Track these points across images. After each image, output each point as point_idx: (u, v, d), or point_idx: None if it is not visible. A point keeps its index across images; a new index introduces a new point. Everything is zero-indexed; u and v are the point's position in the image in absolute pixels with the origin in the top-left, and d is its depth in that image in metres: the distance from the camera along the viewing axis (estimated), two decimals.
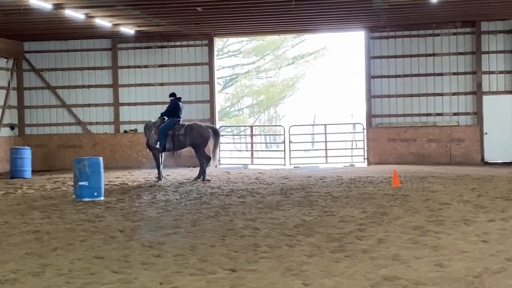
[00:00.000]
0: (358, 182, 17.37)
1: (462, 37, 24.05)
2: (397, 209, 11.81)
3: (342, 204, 12.85)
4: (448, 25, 24.02)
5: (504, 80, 23.77)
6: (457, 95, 24.08)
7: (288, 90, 47.05)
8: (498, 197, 13.17)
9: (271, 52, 45.58)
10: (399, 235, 9.18)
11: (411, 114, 24.42)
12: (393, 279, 6.58)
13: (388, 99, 24.62)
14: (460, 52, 24.05)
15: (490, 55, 23.81)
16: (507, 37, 23.71)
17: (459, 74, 24.06)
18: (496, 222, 10.02)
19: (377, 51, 24.65)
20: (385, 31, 24.51)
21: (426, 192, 14.53)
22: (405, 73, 24.44)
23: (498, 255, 7.57)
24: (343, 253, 8.05)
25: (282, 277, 6.89)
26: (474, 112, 23.91)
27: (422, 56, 24.30)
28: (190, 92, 25.77)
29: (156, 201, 14.16)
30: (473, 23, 23.80)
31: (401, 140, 24.27)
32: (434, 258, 7.55)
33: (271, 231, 9.81)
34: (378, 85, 24.68)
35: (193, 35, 25.65)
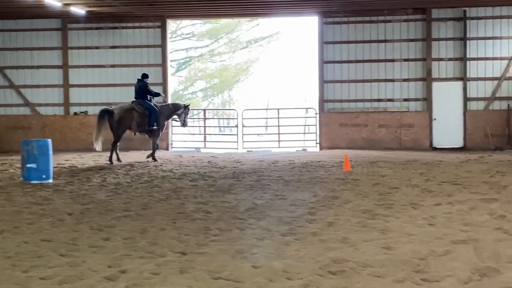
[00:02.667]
0: (310, 166, 17.49)
1: (413, 24, 24.36)
2: (347, 193, 11.93)
3: (294, 188, 12.92)
4: (400, 12, 24.29)
5: (453, 67, 24.17)
6: (407, 81, 24.40)
7: (242, 74, 47.01)
8: (445, 181, 13.40)
9: (225, 35, 45.40)
10: (349, 218, 9.27)
11: (363, 99, 24.66)
12: (342, 261, 6.66)
13: (340, 84, 24.80)
14: (411, 39, 24.35)
15: (440, 42, 24.17)
16: (456, 24, 24.09)
17: (410, 60, 24.39)
18: (442, 206, 10.20)
19: (330, 37, 24.78)
20: (338, 17, 24.64)
21: (376, 176, 14.72)
22: (358, 59, 24.64)
23: (444, 238, 7.71)
24: (293, 236, 8.09)
25: (232, 260, 6.90)
26: (423, 98, 24.28)
27: (374, 42, 24.53)
28: None
29: (106, 184, 14.01)
30: (424, 10, 24.11)
31: (352, 125, 24.51)
32: (382, 241, 7.66)
33: (222, 215, 9.82)
34: (330, 70, 24.83)
35: (146, 16, 25.37)
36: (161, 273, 6.42)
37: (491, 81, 23.93)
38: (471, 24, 24.00)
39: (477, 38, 23.97)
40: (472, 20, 24.00)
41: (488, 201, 10.56)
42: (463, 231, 8.11)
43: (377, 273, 6.22)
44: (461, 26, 23.99)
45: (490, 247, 7.13)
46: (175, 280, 6.15)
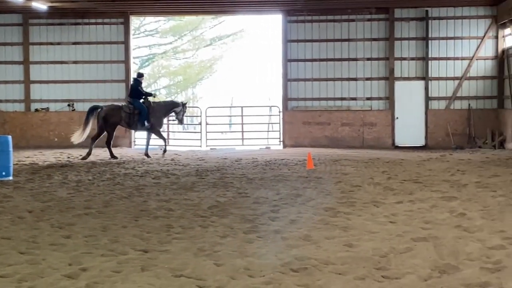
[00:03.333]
0: (273, 164, 17.52)
1: (376, 23, 24.57)
2: (310, 191, 11.98)
3: (257, 185, 12.93)
4: (363, 11, 24.48)
5: (415, 67, 24.45)
6: (370, 80, 24.61)
7: (206, 72, 46.87)
8: (407, 179, 13.55)
9: (188, 32, 45.19)
10: (311, 216, 9.31)
11: (326, 98, 24.80)
12: (304, 259, 6.68)
13: (304, 83, 24.90)
14: (374, 38, 24.56)
15: (402, 42, 24.43)
16: (419, 24, 24.37)
17: (373, 59, 24.60)
18: (404, 204, 10.31)
19: (293, 35, 24.86)
20: (302, 15, 24.74)
21: (339, 174, 14.81)
22: (321, 57, 24.76)
23: (405, 235, 7.79)
24: (256, 233, 8.10)
25: (194, 258, 6.87)
26: (386, 97, 24.51)
27: (337, 41, 24.68)
28: (105, 71, 25.36)
29: (67, 181, 13.84)
30: (387, 10, 24.34)
31: (316, 124, 24.64)
32: (343, 238, 7.70)
33: (185, 212, 9.77)
34: (294, 68, 24.92)
35: (109, 13, 25.15)
36: (122, 271, 6.36)
37: (452, 81, 24.28)
38: (433, 24, 24.30)
39: (438, 38, 24.29)
40: (434, 20, 24.31)
41: (448, 199, 10.70)
42: (423, 229, 8.20)
43: (338, 270, 6.25)
44: (423, 26, 24.28)
45: (449, 245, 7.22)
46: (136, 278, 6.10)
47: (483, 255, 6.72)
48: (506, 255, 6.67)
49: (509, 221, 8.57)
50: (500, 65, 24.06)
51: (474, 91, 24.29)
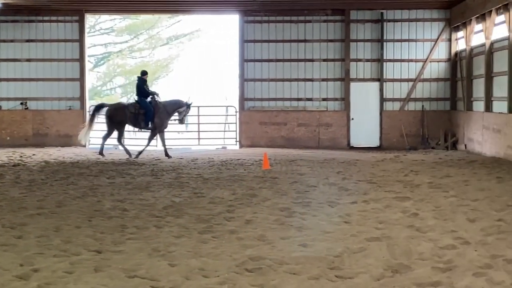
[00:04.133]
0: (229, 164, 17.51)
1: (332, 24, 24.74)
2: (266, 191, 12.01)
3: (213, 185, 12.91)
4: (319, 13, 24.63)
5: (370, 68, 24.70)
6: (326, 81, 24.76)
7: (162, 71, 46.59)
8: (361, 180, 13.69)
9: (145, 31, 44.88)
10: (267, 216, 9.34)
11: (283, 98, 24.88)
12: (258, 259, 6.69)
13: (260, 83, 24.94)
14: (330, 39, 24.73)
15: (358, 43, 24.65)
16: (374, 26, 24.62)
17: (329, 60, 24.76)
18: (358, 204, 10.42)
19: (250, 35, 24.89)
20: (258, 16, 24.78)
21: (295, 174, 14.88)
22: (278, 58, 24.84)
23: (359, 235, 7.87)
24: (211, 234, 8.09)
25: (148, 258, 6.83)
26: (342, 98, 24.70)
27: (294, 41, 24.79)
28: (59, 70, 25.01)
29: (19, 181, 13.61)
30: (343, 12, 24.53)
31: (272, 124, 24.70)
32: (298, 238, 7.75)
33: (139, 212, 9.70)
34: (251, 68, 24.94)
35: (63, 10, 24.81)
36: (75, 271, 6.29)
37: (406, 83, 24.58)
38: (388, 26, 24.58)
39: (393, 40, 24.57)
40: (389, 23, 24.58)
41: (402, 199, 10.85)
42: (377, 229, 8.30)
43: (293, 270, 6.28)
44: (378, 28, 24.54)
45: (402, 244, 7.32)
46: (89, 279, 6.04)
47: (434, 254, 6.83)
48: (457, 254, 6.80)
49: (461, 221, 8.73)
50: (453, 67, 24.46)
51: (428, 92, 24.65)
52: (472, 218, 8.93)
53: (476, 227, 8.31)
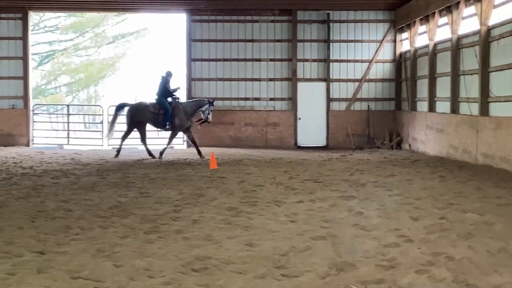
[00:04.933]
0: (176, 164, 17.44)
1: (280, 24, 24.85)
2: (213, 191, 11.99)
3: (159, 185, 12.82)
4: (267, 13, 24.71)
5: (317, 68, 24.90)
6: (273, 81, 24.87)
7: (108, 70, 46.05)
8: (308, 179, 13.78)
9: (90, 29, 44.27)
10: (213, 215, 9.32)
11: (230, 98, 24.88)
12: (204, 258, 6.68)
13: (208, 83, 24.89)
14: (277, 39, 24.84)
15: (305, 44, 24.82)
16: (320, 26, 24.83)
17: (276, 60, 24.87)
18: (304, 203, 10.48)
19: (197, 35, 24.81)
20: (206, 15, 24.72)
21: (242, 174, 14.89)
22: (225, 57, 24.83)
23: (304, 234, 7.92)
24: (157, 234, 8.03)
25: (93, 259, 6.74)
26: (289, 98, 24.84)
27: (241, 41, 24.81)
28: (2, 68, 24.51)
29: None
30: (289, 12, 24.66)
31: (220, 123, 24.65)
32: (245, 237, 7.75)
33: (84, 213, 9.57)
34: (198, 68, 24.87)
35: (6, 7, 24.28)
36: (17, 273, 6.16)
37: (352, 83, 24.86)
38: (334, 27, 24.81)
39: (340, 41, 24.81)
40: (335, 23, 24.82)
41: (347, 198, 10.97)
42: (323, 228, 8.37)
43: (239, 270, 6.28)
44: (325, 28, 24.75)
45: (347, 243, 7.40)
46: (32, 281, 5.93)
47: (378, 252, 6.93)
48: (400, 252, 6.90)
49: (404, 220, 8.87)
50: (397, 68, 24.86)
51: (373, 93, 24.98)
52: (416, 216, 9.08)
53: (419, 225, 8.45)
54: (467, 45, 18.05)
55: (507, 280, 5.73)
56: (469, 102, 17.85)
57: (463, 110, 18.50)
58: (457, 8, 18.44)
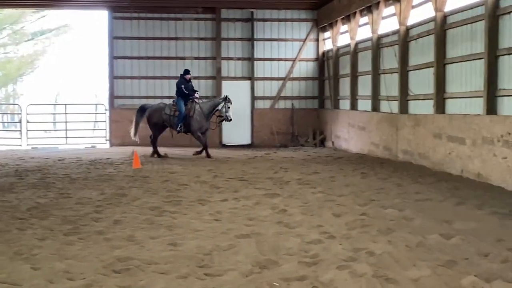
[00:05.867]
0: (98, 163, 17.13)
1: (204, 23, 24.78)
2: (136, 190, 11.84)
3: (80, 186, 12.56)
4: (190, 11, 24.58)
5: (242, 67, 24.95)
6: (198, 79, 24.73)
7: (27, 67, 44.86)
8: (232, 177, 13.79)
9: (8, 26, 43.00)
10: (136, 215, 9.19)
11: (154, 96, 24.59)
12: (126, 259, 6.56)
13: (131, 81, 24.57)
14: (201, 38, 24.76)
15: (229, 42, 24.82)
16: (244, 25, 24.89)
17: (200, 59, 24.79)
18: (229, 202, 10.47)
19: (120, 32, 24.45)
20: (128, 12, 24.39)
21: (166, 173, 14.77)
22: (148, 55, 24.57)
23: (229, 232, 7.90)
24: (78, 235, 7.85)
25: (10, 262, 6.53)
26: (213, 96, 24.74)
27: (165, 39, 24.60)
28: None
29: None
30: (213, 10, 24.62)
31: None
32: (168, 237, 7.67)
33: (1, 215, 9.26)
34: (121, 66, 24.51)
35: None
36: None
37: (276, 81, 25.03)
38: (258, 25, 24.92)
39: (263, 40, 24.95)
40: (259, 22, 24.94)
41: (271, 196, 11.02)
42: (247, 226, 8.37)
43: (162, 270, 6.20)
44: (249, 27, 24.83)
45: (271, 240, 7.42)
46: None
47: (301, 249, 6.97)
48: (322, 249, 6.97)
49: (327, 216, 8.98)
50: (320, 66, 25.19)
51: (297, 91, 25.22)
52: (338, 213, 9.21)
53: (341, 221, 8.57)
54: (387, 44, 18.45)
55: (425, 274, 5.86)
56: (389, 100, 18.26)
57: (383, 108, 18.91)
58: (377, 8, 18.82)
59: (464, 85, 14.08)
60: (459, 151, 13.40)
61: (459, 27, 14.22)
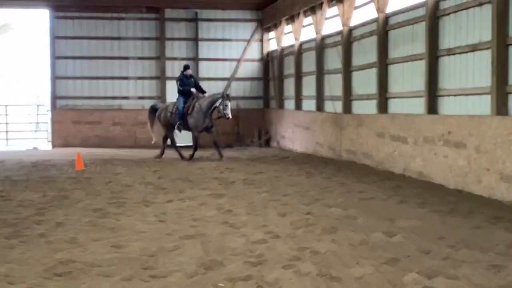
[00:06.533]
0: (40, 165, 16.81)
1: (147, 22, 24.58)
2: (79, 192, 11.66)
3: (22, 188, 12.30)
4: (134, 10, 24.36)
5: None
6: (142, 80, 24.56)
7: None
8: (178, 178, 13.72)
9: None
10: (79, 218, 9.05)
11: (97, 97, 24.33)
12: (69, 262, 6.44)
13: (73, 81, 24.21)
14: (145, 37, 24.56)
15: (173, 42, 24.69)
16: (189, 25, 24.79)
17: (144, 59, 24.59)
18: (174, 203, 10.41)
19: (62, 32, 24.06)
20: (70, 12, 24.01)
21: (110, 174, 14.60)
22: (91, 55, 24.24)
23: (173, 234, 7.85)
24: (19, 238, 7.68)
25: None
26: (158, 97, 24.60)
27: (108, 39, 24.32)
28: None
29: None
30: (157, 10, 24.45)
31: (86, 123, 24.07)
32: (112, 239, 7.57)
33: None
34: (63, 66, 24.13)
35: None
36: None
37: (221, 81, 25.00)
38: (203, 25, 24.85)
39: (208, 40, 24.90)
40: (204, 22, 24.87)
41: (217, 196, 11.01)
42: (192, 227, 8.34)
43: (105, 273, 6.12)
44: (193, 27, 24.73)
45: (216, 241, 7.40)
46: None
47: (246, 249, 6.98)
48: (267, 248, 6.99)
49: (272, 216, 9.02)
50: (265, 67, 25.28)
51: (242, 91, 25.25)
52: (283, 212, 9.25)
53: (286, 221, 8.61)
54: (331, 45, 18.64)
55: (368, 271, 5.93)
56: (333, 100, 18.44)
57: (328, 108, 19.09)
58: (320, 9, 18.99)
59: (406, 85, 14.32)
60: (402, 150, 13.63)
61: (401, 28, 14.46)
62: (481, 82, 11.33)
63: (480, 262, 6.23)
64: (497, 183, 10.15)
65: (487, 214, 8.81)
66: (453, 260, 6.35)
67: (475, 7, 11.54)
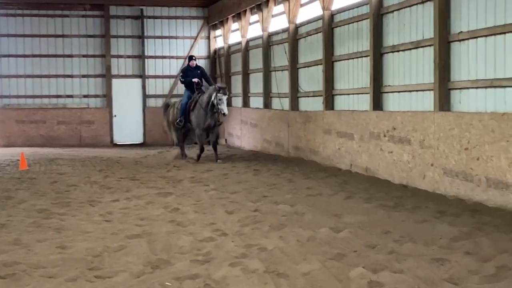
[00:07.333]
0: None
1: (92, 19, 24.24)
2: (22, 193, 11.44)
3: None
4: (78, 7, 24.00)
5: (132, 64, 24.61)
6: (87, 78, 24.23)
7: None
8: (124, 177, 13.58)
9: None
10: (23, 219, 8.87)
11: (41, 95, 23.91)
12: (12, 264, 6.30)
13: (16, 80, 23.72)
14: (89, 35, 24.22)
15: (119, 39, 24.41)
16: (134, 22, 24.55)
17: (89, 56, 24.25)
18: (120, 202, 10.30)
19: (3, 29, 23.56)
20: (12, 9, 23.51)
21: (54, 174, 14.37)
22: (34, 53, 23.80)
23: (119, 233, 7.76)
24: None
25: None
26: (103, 95, 24.32)
27: (51, 36, 23.91)
28: None
29: None
30: (102, 7, 24.14)
31: (30, 122, 23.64)
32: (56, 240, 7.44)
33: None
34: (5, 64, 23.62)
35: None
36: None
37: (168, 79, 24.84)
38: (148, 22, 24.64)
39: (154, 37, 24.70)
40: (150, 19, 24.67)
41: (164, 195, 10.94)
42: (138, 226, 8.26)
43: (49, 274, 6.00)
44: (139, 24, 24.50)
45: (163, 240, 7.35)
46: None
47: (194, 248, 6.95)
48: (215, 246, 6.97)
49: (219, 214, 9.00)
50: (212, 64, 25.22)
51: None
52: (231, 210, 9.25)
53: (233, 218, 8.60)
54: (277, 42, 18.70)
55: (315, 267, 5.97)
56: (281, 97, 18.52)
57: (275, 105, 19.15)
58: (267, 6, 19.04)
59: (352, 82, 14.47)
60: (348, 146, 13.77)
61: (346, 25, 14.59)
62: (424, 79, 11.52)
63: (424, 256, 6.33)
64: (441, 177, 10.35)
65: (431, 209, 8.97)
66: (398, 254, 6.45)
67: (417, 5, 11.72)
